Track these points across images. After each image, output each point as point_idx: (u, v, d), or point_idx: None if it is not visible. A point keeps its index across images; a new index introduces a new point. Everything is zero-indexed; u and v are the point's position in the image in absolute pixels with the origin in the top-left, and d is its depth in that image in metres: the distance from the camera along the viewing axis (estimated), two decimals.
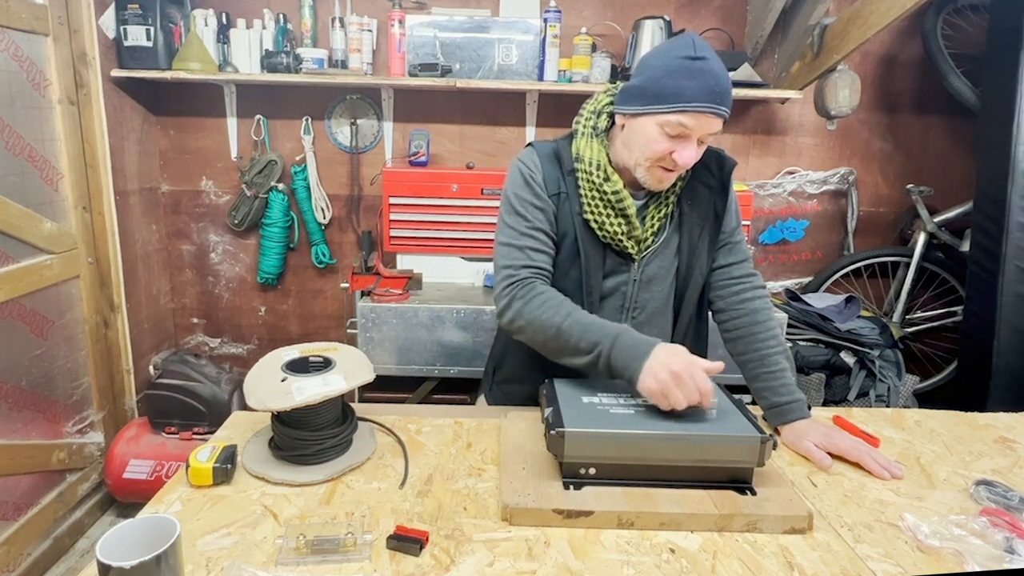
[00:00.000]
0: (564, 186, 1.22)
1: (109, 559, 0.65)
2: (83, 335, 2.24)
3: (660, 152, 1.11)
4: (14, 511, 1.96)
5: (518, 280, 1.18)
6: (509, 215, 1.23)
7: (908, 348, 2.95)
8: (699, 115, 1.07)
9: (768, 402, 1.22)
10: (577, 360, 1.13)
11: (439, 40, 2.40)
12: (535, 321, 1.15)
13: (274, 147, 2.71)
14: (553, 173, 1.22)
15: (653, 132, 1.11)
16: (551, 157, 1.23)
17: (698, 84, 1.06)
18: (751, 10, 2.62)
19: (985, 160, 2.39)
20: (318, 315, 2.92)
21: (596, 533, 0.89)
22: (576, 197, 1.21)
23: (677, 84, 1.07)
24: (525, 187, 1.22)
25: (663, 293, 1.27)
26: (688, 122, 1.08)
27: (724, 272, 1.30)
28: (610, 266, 1.24)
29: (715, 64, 1.08)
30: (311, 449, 1.01)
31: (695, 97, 1.06)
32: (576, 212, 1.21)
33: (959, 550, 0.86)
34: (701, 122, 1.08)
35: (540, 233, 1.21)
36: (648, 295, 1.26)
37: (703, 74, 1.06)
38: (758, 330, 1.25)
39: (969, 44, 2.62)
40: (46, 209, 2.05)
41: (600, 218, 1.19)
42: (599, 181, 1.18)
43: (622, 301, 1.26)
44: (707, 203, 1.26)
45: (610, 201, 1.18)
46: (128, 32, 2.30)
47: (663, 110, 1.08)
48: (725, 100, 1.08)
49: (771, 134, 2.80)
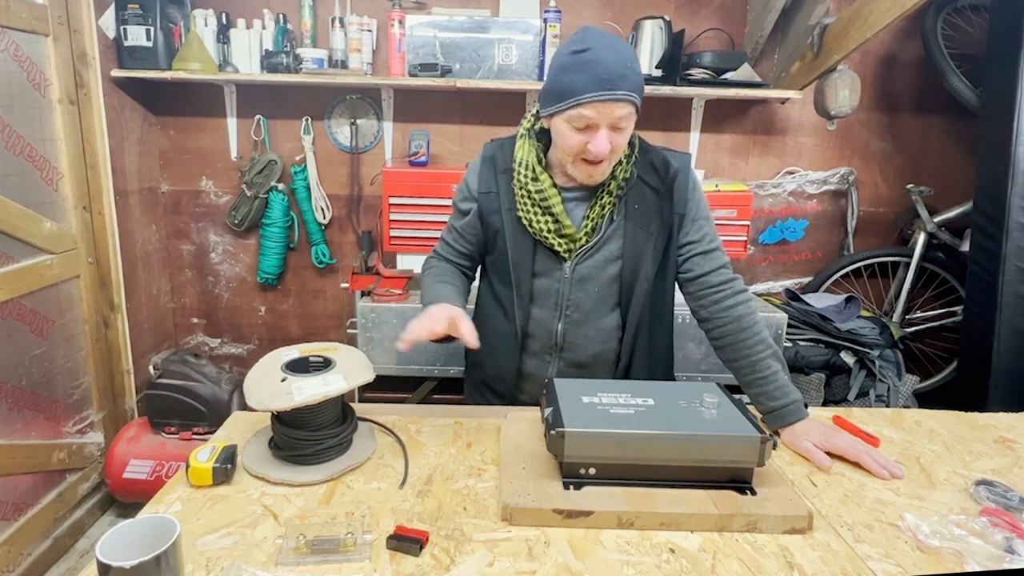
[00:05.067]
0: (495, 185, 1.30)
1: (109, 559, 0.65)
2: (83, 335, 2.24)
3: (576, 146, 1.16)
4: (14, 511, 1.96)
5: (426, 260, 1.42)
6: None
7: (908, 348, 2.95)
8: (594, 104, 1.10)
9: (765, 407, 1.21)
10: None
11: (439, 40, 2.40)
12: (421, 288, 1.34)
13: (274, 147, 2.71)
14: (487, 173, 1.32)
15: (564, 129, 1.16)
16: (489, 158, 1.33)
17: (586, 75, 1.10)
18: (751, 10, 2.62)
19: (985, 160, 2.39)
20: (318, 315, 2.92)
21: (596, 533, 0.89)
22: (508, 195, 1.28)
23: (568, 79, 1.12)
24: (459, 188, 1.38)
25: (599, 293, 1.29)
26: (588, 113, 1.11)
27: (702, 281, 1.29)
28: (542, 264, 1.29)
29: (602, 52, 1.10)
30: (311, 449, 1.01)
31: (585, 88, 1.10)
32: (506, 209, 1.28)
33: (959, 550, 0.86)
34: (601, 110, 1.11)
35: (455, 231, 1.38)
36: (583, 294, 1.28)
37: (589, 64, 1.10)
38: (745, 336, 1.24)
39: (969, 44, 2.62)
40: (46, 209, 2.05)
41: (529, 215, 1.26)
42: (525, 180, 1.25)
43: (555, 299, 1.29)
44: (653, 206, 1.26)
45: (535, 200, 1.24)
46: (128, 32, 2.30)
47: (563, 107, 1.13)
48: (618, 84, 1.10)
49: (771, 134, 2.80)
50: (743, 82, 2.44)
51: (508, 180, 1.28)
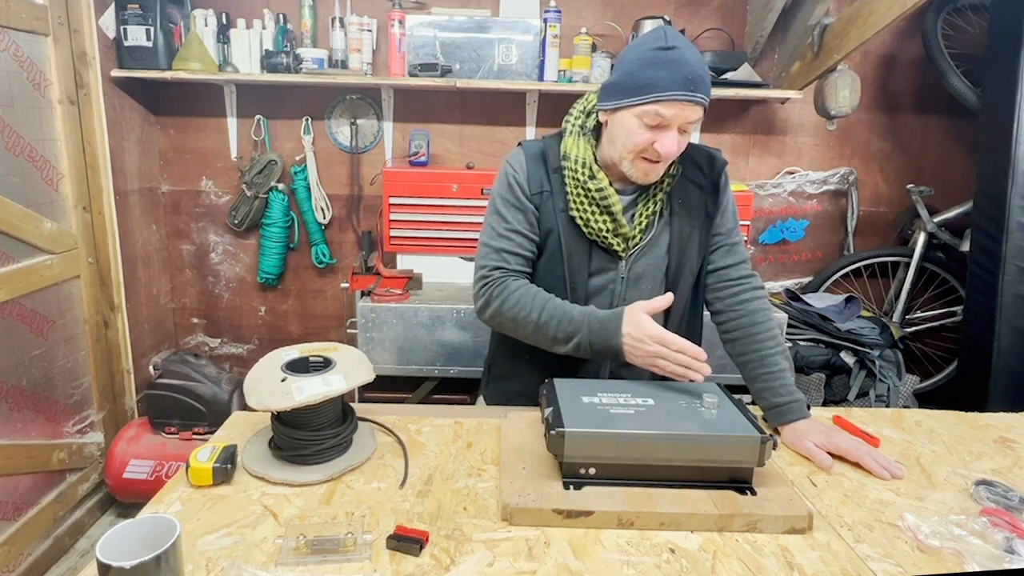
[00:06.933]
0: (548, 184, 1.24)
1: (109, 559, 0.65)
2: (83, 335, 2.24)
3: (641, 144, 1.13)
4: (14, 511, 1.96)
5: (491, 281, 1.23)
6: (491, 215, 1.27)
7: (908, 348, 2.95)
8: (674, 103, 1.10)
9: (768, 403, 1.21)
10: (562, 349, 1.19)
11: (439, 40, 2.40)
12: (514, 319, 1.21)
13: (274, 147, 2.71)
14: (537, 172, 1.24)
15: (633, 124, 1.13)
16: (537, 156, 1.26)
17: (671, 73, 1.09)
18: (751, 10, 2.62)
19: (985, 160, 2.38)
20: (318, 315, 2.92)
21: (596, 533, 0.89)
22: (561, 194, 1.23)
23: (650, 75, 1.10)
24: (507, 189, 1.25)
25: (652, 291, 1.27)
26: (664, 111, 1.10)
27: (722, 274, 1.30)
28: (597, 264, 1.25)
29: (687, 53, 1.10)
30: (311, 449, 1.01)
31: (668, 86, 1.09)
32: (560, 209, 1.23)
33: (959, 550, 0.86)
34: (677, 110, 1.10)
35: (516, 235, 1.24)
36: (637, 293, 1.27)
37: (675, 63, 1.09)
38: (757, 331, 1.25)
39: (969, 44, 2.62)
40: (46, 209, 2.05)
41: (586, 215, 1.21)
42: (584, 179, 1.19)
43: (611, 299, 1.27)
44: (698, 202, 1.26)
45: (595, 199, 1.19)
46: (128, 32, 2.30)
47: (639, 101, 1.11)
48: (700, 87, 1.10)
49: (771, 134, 2.80)
50: (743, 82, 2.44)
51: (560, 179, 1.23)
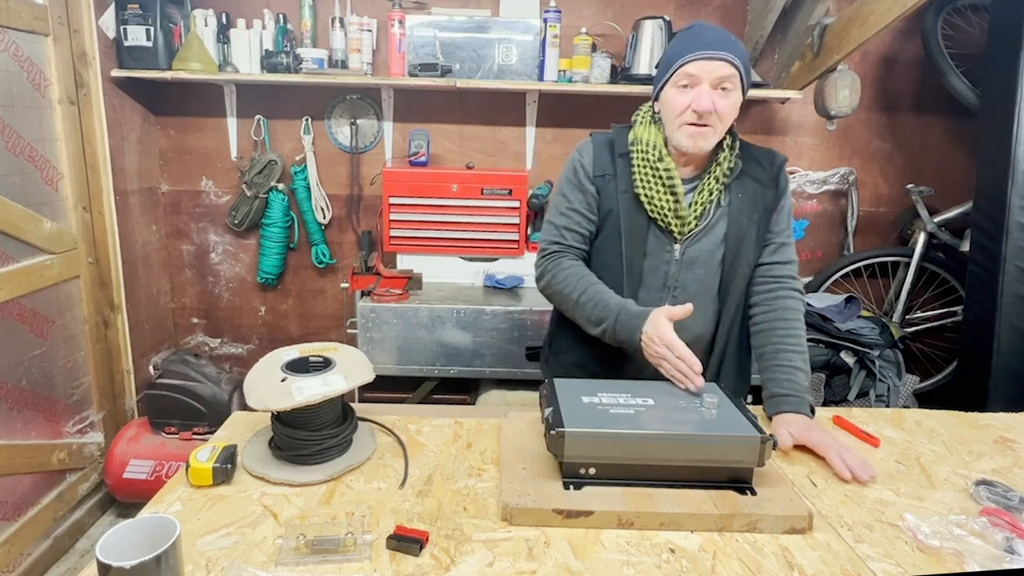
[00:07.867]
0: (612, 168, 1.32)
1: (109, 559, 0.65)
2: (83, 335, 2.24)
3: (680, 107, 1.22)
4: (14, 511, 1.96)
5: (549, 254, 1.35)
6: (556, 196, 1.39)
7: (908, 348, 2.95)
8: (698, 62, 1.19)
9: (768, 391, 1.24)
10: (593, 331, 1.28)
11: (439, 40, 2.40)
12: (559, 293, 1.32)
13: (274, 147, 2.71)
14: (602, 157, 1.33)
15: (672, 95, 1.24)
16: (604, 143, 1.35)
17: (692, 41, 1.21)
18: (751, 10, 2.62)
19: (985, 160, 2.38)
20: (318, 315, 2.92)
21: (596, 533, 0.89)
22: (625, 177, 1.30)
23: (676, 49, 1.23)
24: (573, 172, 1.35)
25: (706, 277, 1.31)
26: (692, 70, 1.19)
27: (766, 269, 1.34)
28: (653, 244, 1.30)
29: (707, 26, 1.23)
30: (311, 449, 1.02)
31: (691, 49, 1.20)
32: (622, 191, 1.30)
33: (959, 550, 0.86)
34: (703, 68, 1.19)
35: (575, 213, 1.33)
36: (690, 276, 1.31)
37: (695, 32, 1.22)
38: (781, 326, 1.28)
39: (969, 44, 2.62)
40: (46, 209, 2.04)
41: (651, 193, 1.27)
42: (653, 159, 1.27)
43: (664, 279, 1.31)
44: (758, 196, 1.31)
45: (661, 177, 1.26)
46: (128, 32, 2.30)
47: (671, 73, 1.23)
48: (723, 45, 1.19)
49: (771, 134, 2.80)
50: None
51: (627, 163, 1.30)
